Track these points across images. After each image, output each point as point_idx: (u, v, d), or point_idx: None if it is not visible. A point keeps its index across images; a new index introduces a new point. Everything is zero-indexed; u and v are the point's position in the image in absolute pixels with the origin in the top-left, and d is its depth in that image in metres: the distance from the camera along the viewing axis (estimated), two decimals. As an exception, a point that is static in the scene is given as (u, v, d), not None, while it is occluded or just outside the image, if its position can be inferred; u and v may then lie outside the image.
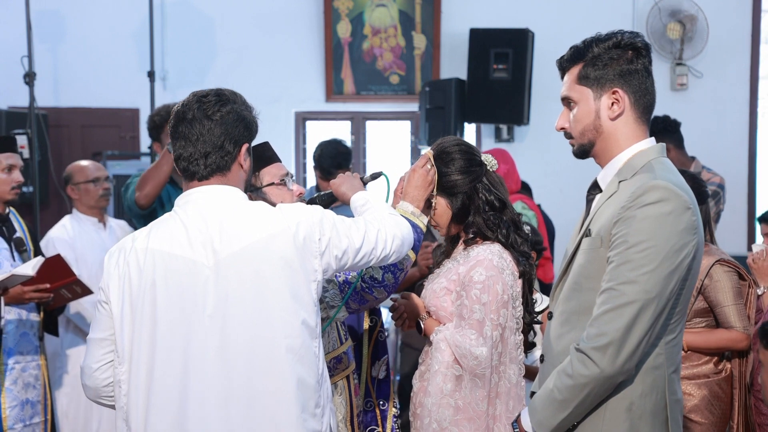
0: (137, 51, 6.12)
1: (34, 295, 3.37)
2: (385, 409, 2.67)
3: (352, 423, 2.53)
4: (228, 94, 2.03)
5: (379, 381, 2.69)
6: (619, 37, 2.00)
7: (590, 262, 1.97)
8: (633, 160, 1.99)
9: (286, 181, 2.38)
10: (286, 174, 2.39)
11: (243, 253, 1.91)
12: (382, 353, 2.72)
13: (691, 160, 4.87)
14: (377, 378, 2.69)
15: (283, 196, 2.36)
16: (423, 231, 2.41)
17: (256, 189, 2.34)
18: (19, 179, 3.51)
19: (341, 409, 2.49)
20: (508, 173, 4.36)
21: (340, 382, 2.50)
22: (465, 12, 6.18)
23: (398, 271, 2.34)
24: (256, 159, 2.34)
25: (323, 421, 1.99)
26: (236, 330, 1.90)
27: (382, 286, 2.32)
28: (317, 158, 4.61)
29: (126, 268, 1.96)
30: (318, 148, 4.66)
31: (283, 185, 2.37)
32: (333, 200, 2.45)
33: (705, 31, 5.98)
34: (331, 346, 2.48)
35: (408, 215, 2.38)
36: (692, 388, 3.01)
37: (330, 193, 2.44)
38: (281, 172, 2.38)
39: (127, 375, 1.95)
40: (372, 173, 2.47)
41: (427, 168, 2.48)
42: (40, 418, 3.59)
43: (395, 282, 2.35)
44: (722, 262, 3.00)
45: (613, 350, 1.85)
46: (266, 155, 2.39)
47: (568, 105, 2.07)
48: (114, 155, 5.97)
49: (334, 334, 2.51)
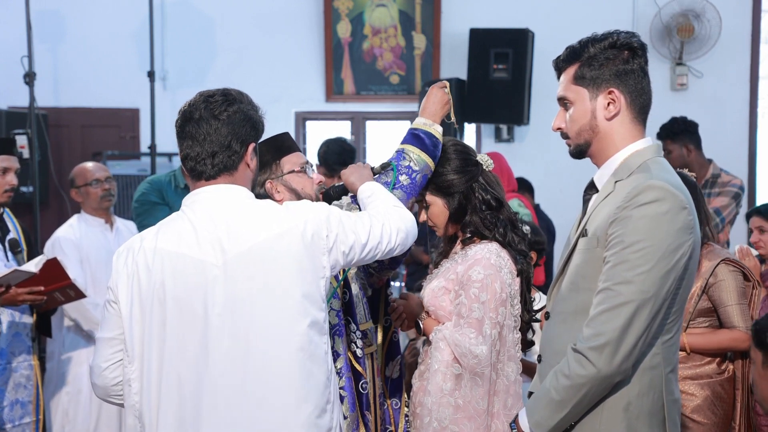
0: (137, 51, 6.13)
1: (27, 297, 3.37)
2: (397, 409, 2.68)
3: (375, 403, 2.54)
4: (235, 93, 2.04)
5: (393, 380, 2.70)
6: (615, 37, 2.00)
7: (587, 262, 1.97)
8: (629, 160, 1.99)
9: (306, 168, 2.41)
10: (306, 162, 2.42)
11: (251, 252, 1.92)
12: (396, 353, 2.73)
13: (708, 162, 4.86)
14: (390, 378, 2.70)
15: (304, 183, 2.39)
16: (439, 139, 2.51)
17: (277, 177, 2.37)
18: (12, 182, 3.50)
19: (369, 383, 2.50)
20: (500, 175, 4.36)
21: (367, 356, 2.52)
22: (465, 12, 6.19)
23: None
24: (277, 148, 2.39)
25: (333, 417, 2.00)
26: (246, 328, 1.91)
27: None
28: (322, 155, 4.62)
29: (135, 268, 1.96)
30: (323, 145, 4.67)
31: (304, 173, 2.40)
32: (346, 192, 2.47)
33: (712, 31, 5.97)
34: (360, 318, 2.51)
35: (420, 126, 2.49)
36: (695, 388, 3.00)
37: (343, 185, 2.47)
38: (301, 161, 2.41)
39: (137, 374, 1.96)
40: (382, 163, 2.49)
41: (444, 90, 2.56)
42: (30, 418, 3.60)
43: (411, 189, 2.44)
44: (728, 261, 2.99)
45: (610, 350, 1.85)
46: (286, 144, 2.42)
47: (565, 105, 2.07)
48: (114, 155, 5.98)
49: (361, 308, 2.54)
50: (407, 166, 2.44)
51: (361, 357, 2.43)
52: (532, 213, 4.38)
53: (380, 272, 2.63)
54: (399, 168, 2.44)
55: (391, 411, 2.67)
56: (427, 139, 2.48)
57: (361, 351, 2.43)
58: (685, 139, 4.82)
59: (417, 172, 2.45)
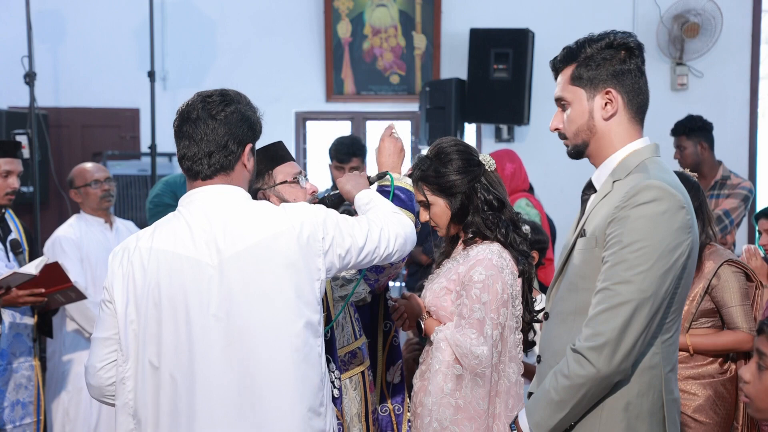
0: (137, 51, 6.13)
1: (29, 299, 3.38)
2: (399, 414, 2.67)
3: (367, 419, 2.54)
4: (232, 94, 2.04)
5: (394, 385, 2.70)
6: (611, 37, 2.00)
7: (585, 262, 1.97)
8: (627, 160, 1.99)
9: (299, 179, 2.40)
10: (299, 172, 2.42)
11: (247, 252, 1.92)
12: (396, 358, 2.72)
13: (718, 163, 4.86)
14: (392, 383, 2.69)
15: (296, 193, 2.38)
16: (411, 191, 2.46)
17: (269, 187, 2.36)
18: (14, 185, 3.50)
19: (355, 404, 2.50)
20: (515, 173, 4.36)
21: (355, 377, 2.51)
22: (465, 12, 6.19)
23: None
24: (270, 158, 2.37)
25: (327, 420, 2.00)
26: (240, 329, 1.91)
27: None
28: (334, 148, 4.65)
29: (130, 268, 1.96)
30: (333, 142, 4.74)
31: (296, 183, 2.39)
32: (342, 200, 2.46)
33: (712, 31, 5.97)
34: (345, 341, 2.50)
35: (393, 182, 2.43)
36: (697, 388, 3.00)
37: (339, 194, 2.46)
38: (294, 171, 2.41)
39: (132, 372, 1.96)
40: (378, 173, 2.48)
41: (394, 136, 2.53)
42: (31, 418, 3.60)
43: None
44: (731, 262, 2.98)
45: (609, 350, 1.85)
46: (279, 154, 2.41)
47: (562, 106, 2.07)
48: (114, 155, 5.98)
49: (348, 328, 2.52)
50: None
51: (338, 397, 2.38)
52: (542, 213, 4.37)
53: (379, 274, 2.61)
54: None
55: (393, 416, 2.66)
56: (402, 194, 2.41)
57: (338, 391, 2.38)
58: (700, 137, 4.81)
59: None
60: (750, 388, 1.67)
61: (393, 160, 2.51)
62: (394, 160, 2.51)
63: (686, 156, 4.82)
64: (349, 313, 2.55)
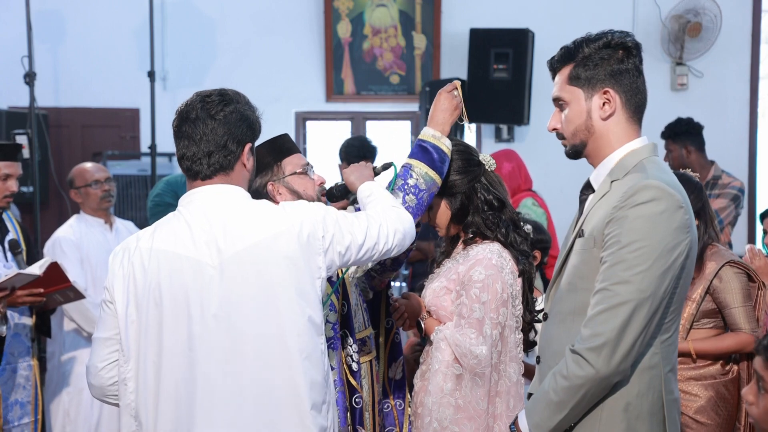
0: (137, 51, 6.13)
1: (27, 299, 3.37)
2: (401, 410, 2.67)
3: (373, 409, 2.53)
4: (231, 93, 2.04)
5: (396, 381, 2.70)
6: (609, 36, 2.00)
7: (584, 262, 1.97)
8: (625, 160, 1.98)
9: (308, 170, 2.40)
10: (306, 164, 2.42)
11: (247, 252, 1.92)
12: (398, 354, 2.72)
13: (710, 164, 4.87)
14: (394, 379, 2.70)
15: (306, 184, 2.38)
16: (447, 154, 2.43)
17: (279, 179, 2.36)
18: (13, 189, 3.49)
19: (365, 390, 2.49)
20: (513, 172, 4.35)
21: (364, 365, 2.51)
22: (465, 12, 6.19)
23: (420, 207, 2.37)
24: (278, 150, 2.38)
25: (329, 417, 2.00)
26: (243, 329, 1.91)
27: None
28: (343, 150, 4.68)
29: (130, 268, 1.96)
30: (344, 143, 4.77)
31: (305, 174, 2.39)
32: (348, 191, 2.47)
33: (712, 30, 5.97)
34: (357, 327, 2.50)
35: (429, 138, 2.42)
36: (698, 389, 2.99)
37: (344, 184, 2.46)
38: (302, 162, 2.41)
39: (133, 373, 1.96)
40: (383, 164, 2.49)
41: (453, 93, 2.49)
42: (29, 418, 3.60)
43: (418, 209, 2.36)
44: (732, 263, 2.98)
45: (608, 351, 1.85)
46: (287, 146, 2.42)
47: (560, 106, 2.06)
48: (114, 155, 5.98)
49: (360, 315, 2.53)
50: (414, 185, 2.36)
51: (357, 371, 2.40)
52: (547, 212, 4.36)
53: (382, 274, 2.62)
54: (406, 188, 2.36)
55: (395, 412, 2.67)
56: (435, 153, 2.40)
57: (357, 365, 2.41)
58: (685, 140, 4.84)
59: (424, 191, 2.37)
60: (754, 409, 1.67)
61: (444, 116, 2.47)
62: (445, 117, 2.47)
63: (672, 159, 4.87)
64: (359, 301, 2.55)
